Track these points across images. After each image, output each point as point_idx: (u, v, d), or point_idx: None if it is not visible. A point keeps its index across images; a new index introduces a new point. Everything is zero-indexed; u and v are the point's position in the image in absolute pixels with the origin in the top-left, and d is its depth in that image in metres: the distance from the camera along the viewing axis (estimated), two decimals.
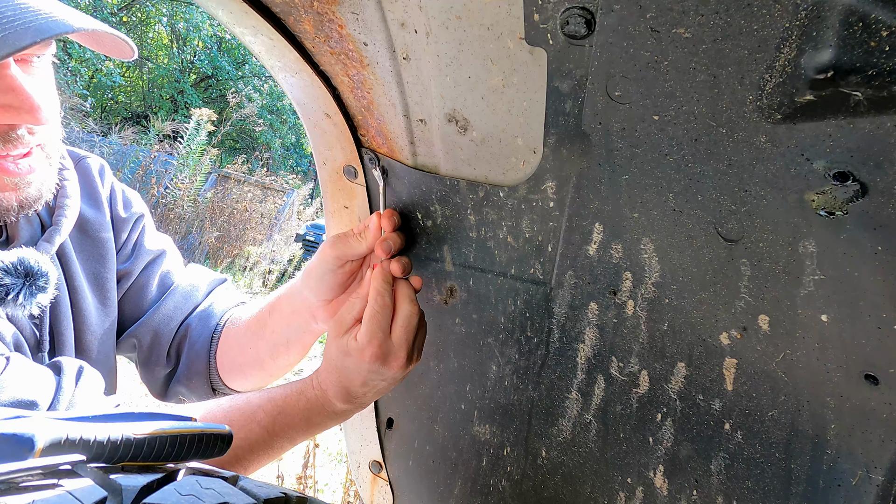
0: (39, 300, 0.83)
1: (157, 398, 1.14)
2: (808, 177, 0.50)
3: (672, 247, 0.63)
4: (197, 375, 1.09)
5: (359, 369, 0.77)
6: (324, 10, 0.67)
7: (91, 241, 1.02)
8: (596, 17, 0.53)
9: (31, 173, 0.81)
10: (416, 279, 0.83)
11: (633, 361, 0.70)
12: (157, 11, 16.32)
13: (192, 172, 9.17)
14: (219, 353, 1.08)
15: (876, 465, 0.56)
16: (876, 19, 0.40)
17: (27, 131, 0.78)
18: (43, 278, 0.83)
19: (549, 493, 0.83)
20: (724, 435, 0.65)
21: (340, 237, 0.85)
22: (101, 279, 1.02)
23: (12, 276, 0.81)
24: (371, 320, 0.76)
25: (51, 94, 0.84)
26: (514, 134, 0.68)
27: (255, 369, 1.07)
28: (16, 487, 0.37)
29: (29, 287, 0.82)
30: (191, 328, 1.09)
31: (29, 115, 0.75)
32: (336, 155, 0.87)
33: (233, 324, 1.09)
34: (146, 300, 1.09)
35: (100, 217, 1.04)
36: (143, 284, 1.09)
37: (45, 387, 0.75)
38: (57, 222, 0.93)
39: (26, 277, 0.82)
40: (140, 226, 1.11)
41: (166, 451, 0.47)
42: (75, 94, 11.31)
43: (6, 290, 0.80)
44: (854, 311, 0.53)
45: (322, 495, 3.43)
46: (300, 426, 0.82)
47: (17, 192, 0.80)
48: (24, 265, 0.82)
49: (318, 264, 0.88)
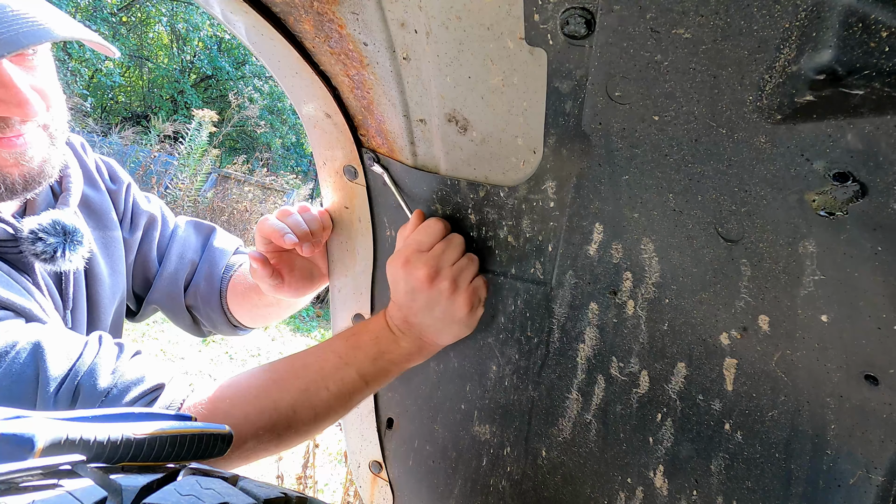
0: (81, 253, 0.92)
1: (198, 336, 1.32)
2: (808, 177, 0.50)
3: (672, 247, 0.63)
4: (220, 325, 1.23)
5: (395, 278, 0.80)
6: (324, 10, 0.67)
7: (96, 215, 1.08)
8: (596, 18, 0.53)
9: (28, 147, 0.84)
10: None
11: (633, 361, 0.70)
12: (157, 11, 16.31)
13: (193, 173, 9.18)
14: (230, 305, 1.20)
15: (876, 465, 0.56)
16: (876, 19, 0.40)
17: (19, 121, 0.82)
18: (78, 234, 0.92)
19: (549, 493, 0.83)
20: (724, 435, 0.65)
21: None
22: (110, 248, 1.09)
23: (54, 236, 0.89)
24: (402, 232, 0.83)
25: (50, 83, 0.87)
26: (514, 134, 0.68)
27: (264, 310, 1.19)
28: (16, 487, 0.37)
29: (70, 243, 0.90)
30: (199, 289, 1.19)
31: (18, 109, 0.79)
32: (336, 155, 0.87)
33: (235, 281, 1.20)
34: (152, 267, 1.18)
35: (98, 193, 1.10)
36: (145, 252, 1.17)
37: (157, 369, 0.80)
38: (66, 188, 1.00)
39: (65, 235, 0.90)
40: (131, 195, 1.18)
41: (166, 451, 0.47)
42: (75, 94, 11.31)
43: (53, 248, 0.88)
44: (854, 311, 0.53)
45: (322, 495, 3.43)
46: (372, 354, 0.82)
47: (18, 168, 0.84)
48: (60, 224, 0.90)
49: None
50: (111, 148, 9.92)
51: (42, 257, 0.88)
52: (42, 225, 0.88)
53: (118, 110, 15.68)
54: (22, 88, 0.78)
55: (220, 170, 10.18)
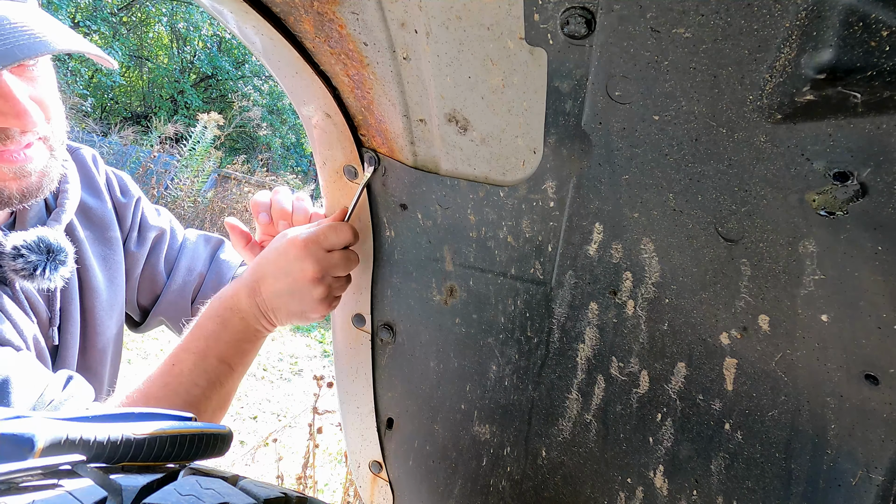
0: (62, 273, 0.91)
1: None
2: (808, 177, 0.50)
3: (672, 247, 0.63)
4: None
5: (284, 252, 0.85)
6: (324, 10, 0.67)
7: (97, 227, 1.09)
8: (596, 17, 0.53)
9: (29, 162, 0.84)
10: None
11: (633, 361, 0.70)
12: (157, 11, 16.30)
13: (195, 174, 9.18)
14: None
15: (876, 465, 0.56)
16: (876, 19, 0.40)
17: (19, 132, 0.82)
18: (62, 253, 0.92)
19: (550, 493, 0.83)
20: (724, 435, 0.65)
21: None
22: (110, 261, 1.09)
23: (36, 254, 0.88)
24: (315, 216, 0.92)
25: (50, 95, 0.87)
26: (514, 134, 0.68)
27: None
28: (16, 487, 0.37)
29: (52, 262, 0.90)
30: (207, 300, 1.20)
31: (16, 120, 0.79)
32: (336, 155, 0.87)
33: None
34: (160, 281, 1.18)
35: (101, 205, 1.10)
36: (153, 266, 1.18)
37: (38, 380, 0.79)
38: (61, 204, 1.00)
39: (48, 253, 0.90)
40: (140, 209, 1.18)
41: (166, 451, 0.47)
42: (75, 94, 11.31)
43: (34, 266, 0.88)
44: (854, 311, 0.53)
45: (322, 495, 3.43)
46: (218, 330, 0.87)
47: (17, 182, 0.84)
48: (45, 242, 0.90)
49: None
50: (111, 148, 9.92)
51: (21, 274, 0.87)
52: (27, 242, 0.88)
53: (118, 110, 15.68)
54: (21, 100, 0.78)
55: (220, 170, 10.18)
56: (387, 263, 0.90)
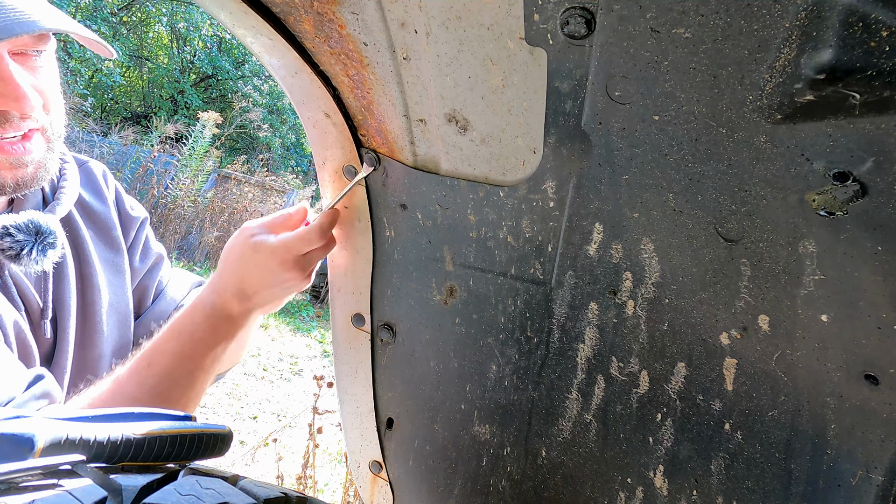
0: (50, 256, 0.92)
1: None
2: (808, 177, 0.50)
3: (672, 247, 0.63)
4: None
5: (269, 268, 0.90)
6: (324, 10, 0.67)
7: (100, 228, 1.10)
8: (596, 17, 0.53)
9: (28, 154, 0.85)
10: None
11: (633, 361, 0.70)
12: (157, 11, 16.30)
13: (194, 174, 9.18)
14: None
15: (876, 465, 0.56)
16: (876, 19, 0.40)
17: (19, 117, 0.82)
18: (51, 236, 0.92)
19: (550, 493, 0.83)
20: (724, 435, 0.65)
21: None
22: (116, 265, 1.10)
23: (24, 234, 0.89)
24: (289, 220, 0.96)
25: (50, 86, 0.88)
26: (514, 134, 0.68)
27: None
28: (16, 487, 0.37)
29: (40, 244, 0.90)
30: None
31: (15, 103, 0.80)
32: (336, 155, 0.87)
33: None
34: (146, 301, 1.20)
35: (105, 209, 1.12)
36: (146, 286, 1.19)
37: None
38: (58, 198, 1.00)
39: (37, 235, 0.90)
40: (145, 229, 1.20)
41: (166, 451, 0.47)
42: (75, 94, 11.31)
43: (21, 246, 0.88)
44: (854, 311, 0.53)
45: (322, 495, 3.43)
46: (206, 336, 0.90)
47: (12, 172, 0.85)
48: (34, 224, 0.90)
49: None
50: (111, 148, 9.91)
51: (7, 254, 0.87)
52: (17, 223, 0.88)
53: (118, 110, 15.67)
54: (21, 83, 0.79)
55: (220, 170, 10.18)
56: (387, 263, 0.90)
